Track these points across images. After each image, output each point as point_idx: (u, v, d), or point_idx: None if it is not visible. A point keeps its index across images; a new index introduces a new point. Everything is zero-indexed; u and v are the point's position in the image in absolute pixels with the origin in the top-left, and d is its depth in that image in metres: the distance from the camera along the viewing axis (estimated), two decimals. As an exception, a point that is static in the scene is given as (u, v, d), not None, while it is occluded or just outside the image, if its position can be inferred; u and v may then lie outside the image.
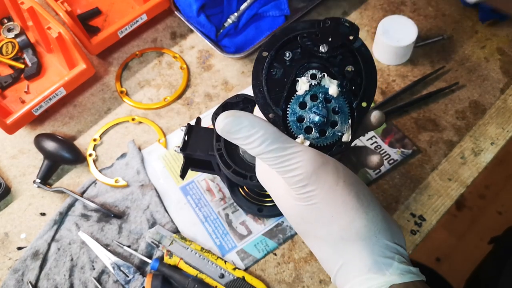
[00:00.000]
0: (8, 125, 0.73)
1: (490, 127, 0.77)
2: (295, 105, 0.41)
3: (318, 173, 0.37)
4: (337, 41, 0.43)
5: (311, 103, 0.41)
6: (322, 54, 0.42)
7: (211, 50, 0.86)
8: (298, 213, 0.38)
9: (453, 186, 0.72)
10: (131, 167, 0.75)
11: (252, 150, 0.38)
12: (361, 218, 0.37)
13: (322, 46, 0.42)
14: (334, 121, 0.41)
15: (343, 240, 0.37)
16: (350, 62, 0.43)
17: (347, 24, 0.43)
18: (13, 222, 0.73)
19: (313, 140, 0.40)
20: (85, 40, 0.79)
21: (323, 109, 0.40)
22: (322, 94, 0.41)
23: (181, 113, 0.81)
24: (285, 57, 0.43)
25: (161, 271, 0.65)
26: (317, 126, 0.40)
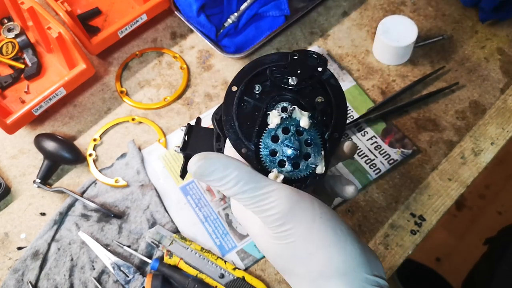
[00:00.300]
0: (8, 125, 0.73)
1: (490, 127, 0.77)
2: (267, 139, 0.41)
3: (294, 211, 0.36)
4: (306, 73, 0.43)
5: (283, 136, 0.40)
6: (292, 87, 0.42)
7: (211, 50, 0.86)
8: (276, 251, 0.38)
9: (453, 186, 0.72)
10: (131, 167, 0.75)
11: (227, 191, 0.38)
12: (340, 254, 0.36)
13: (291, 79, 0.42)
14: (307, 153, 0.40)
15: (322, 276, 0.37)
16: (319, 93, 0.43)
17: (315, 56, 0.44)
18: (13, 222, 0.73)
19: (287, 173, 0.40)
20: (85, 40, 0.79)
21: (296, 141, 0.40)
22: (294, 127, 0.41)
23: (181, 113, 0.81)
24: (254, 91, 0.43)
25: (161, 271, 0.65)
26: (290, 159, 0.40)
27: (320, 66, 0.43)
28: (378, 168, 0.73)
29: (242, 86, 0.43)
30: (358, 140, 0.76)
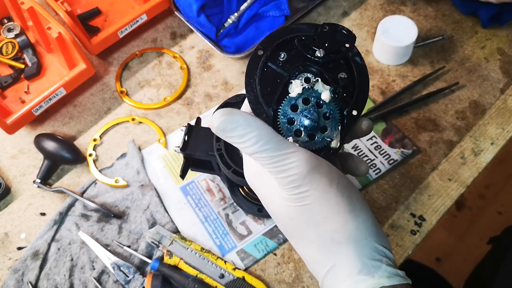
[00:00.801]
0: (8, 125, 0.73)
1: (490, 127, 0.77)
2: (287, 107, 0.41)
3: (312, 174, 0.37)
4: (334, 47, 0.42)
5: (302, 106, 0.40)
6: (318, 59, 0.42)
7: (211, 50, 0.86)
8: (288, 214, 0.38)
9: (453, 186, 0.72)
10: (131, 167, 0.75)
11: (246, 149, 0.38)
12: (354, 221, 0.37)
13: (318, 51, 0.42)
14: (324, 127, 0.40)
15: (334, 242, 0.37)
16: (343, 70, 0.43)
17: (345, 32, 0.43)
18: (13, 222, 0.73)
19: (302, 143, 0.40)
20: (85, 40, 0.79)
21: (314, 113, 0.40)
22: (315, 99, 0.41)
23: (181, 113, 0.81)
24: (279, 58, 0.43)
25: (161, 271, 0.65)
26: (307, 130, 0.40)
27: (348, 43, 0.43)
28: (378, 168, 0.73)
29: (269, 51, 0.43)
30: (358, 140, 0.76)
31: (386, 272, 0.37)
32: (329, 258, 0.38)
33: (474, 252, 1.12)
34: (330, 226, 0.37)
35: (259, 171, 0.40)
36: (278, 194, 0.38)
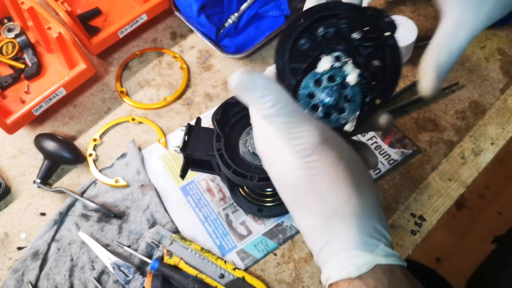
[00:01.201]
0: (8, 125, 0.73)
1: (490, 127, 0.77)
2: (311, 80, 0.41)
3: (325, 145, 0.37)
4: (373, 33, 0.42)
5: (326, 83, 0.40)
6: (354, 41, 0.42)
7: (211, 50, 0.86)
8: (294, 182, 0.38)
9: (453, 186, 0.72)
10: (131, 167, 0.75)
11: (263, 111, 0.37)
12: (358, 197, 0.37)
13: (356, 33, 0.42)
14: (342, 108, 0.40)
15: (336, 215, 0.37)
16: (378, 58, 0.42)
17: (387, 20, 0.42)
18: (13, 222, 0.73)
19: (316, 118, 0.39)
20: (85, 40, 0.79)
21: (336, 92, 0.40)
22: (340, 78, 0.40)
23: (181, 113, 0.81)
24: (317, 32, 0.42)
25: (161, 271, 0.65)
26: (325, 106, 0.40)
27: (389, 31, 0.42)
28: (378, 168, 0.73)
29: (308, 22, 0.42)
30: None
31: (384, 251, 0.38)
32: (329, 230, 0.38)
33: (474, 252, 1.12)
34: (335, 199, 0.37)
35: (270, 137, 0.39)
36: (287, 161, 0.38)
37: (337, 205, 0.37)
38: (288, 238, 0.69)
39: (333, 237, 0.38)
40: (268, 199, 0.68)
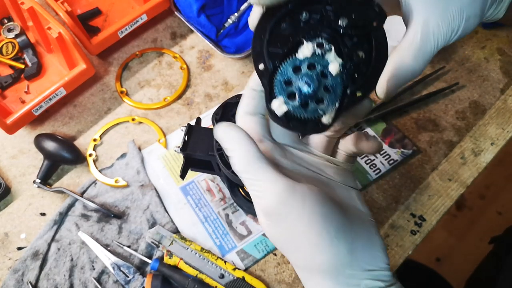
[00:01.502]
0: (8, 125, 0.73)
1: (490, 127, 0.77)
2: (289, 66, 0.38)
3: (282, 208, 0.37)
4: (360, 21, 0.40)
5: (306, 70, 0.38)
6: (339, 29, 0.39)
7: (211, 50, 0.86)
8: (268, 234, 0.39)
9: (453, 186, 0.72)
10: (131, 167, 0.75)
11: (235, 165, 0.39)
12: (323, 253, 0.37)
13: (342, 19, 0.39)
14: (321, 99, 0.38)
15: (307, 269, 0.38)
16: (363, 49, 0.40)
17: (377, 9, 0.40)
18: (13, 222, 0.73)
19: (291, 107, 0.37)
20: (85, 40, 0.79)
21: (316, 81, 0.37)
22: (321, 67, 0.38)
23: (181, 113, 0.81)
24: (300, 16, 0.40)
25: (161, 271, 0.65)
26: (302, 95, 0.37)
27: (377, 21, 0.40)
28: (378, 169, 0.73)
29: (291, 5, 0.40)
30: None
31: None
32: (306, 280, 0.39)
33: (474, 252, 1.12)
34: (301, 256, 0.38)
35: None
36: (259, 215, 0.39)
37: (304, 261, 0.38)
38: (288, 238, 0.69)
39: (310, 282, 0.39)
40: (268, 199, 0.68)
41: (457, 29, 0.41)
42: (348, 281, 0.37)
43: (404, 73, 0.39)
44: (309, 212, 0.37)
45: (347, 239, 0.38)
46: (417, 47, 0.40)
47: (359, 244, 0.39)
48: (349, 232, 0.38)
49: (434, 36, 0.40)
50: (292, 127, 0.38)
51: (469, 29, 0.42)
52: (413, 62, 0.40)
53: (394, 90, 0.39)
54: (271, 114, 0.38)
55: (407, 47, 0.40)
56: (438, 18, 0.40)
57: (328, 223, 0.37)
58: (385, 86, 0.39)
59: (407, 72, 0.39)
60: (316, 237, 0.37)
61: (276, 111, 0.37)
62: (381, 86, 0.39)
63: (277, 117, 0.37)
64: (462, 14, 0.40)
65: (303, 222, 0.37)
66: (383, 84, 0.39)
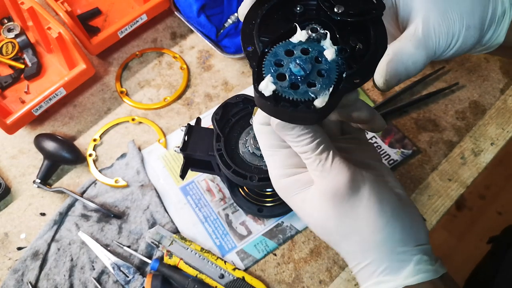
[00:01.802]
0: (8, 125, 0.73)
1: (490, 127, 0.77)
2: (281, 48, 0.37)
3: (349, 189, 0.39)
4: (356, 9, 0.39)
5: (299, 54, 0.37)
6: (335, 16, 0.38)
7: (211, 50, 0.86)
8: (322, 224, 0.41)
9: (453, 187, 0.72)
10: (131, 167, 0.75)
11: (300, 147, 0.40)
12: (380, 232, 0.39)
13: (337, 6, 0.39)
14: (313, 82, 0.36)
15: (362, 250, 0.40)
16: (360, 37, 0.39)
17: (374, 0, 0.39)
18: (13, 222, 0.73)
19: (280, 87, 0.35)
20: (85, 40, 0.79)
21: (308, 64, 0.36)
22: (316, 52, 0.37)
23: (181, 113, 0.81)
24: (295, 9, 0.40)
25: (161, 271, 0.65)
26: (293, 76, 0.36)
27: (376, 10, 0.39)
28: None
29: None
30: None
31: (413, 271, 0.39)
32: (356, 262, 0.41)
33: (474, 252, 1.11)
34: (358, 238, 0.40)
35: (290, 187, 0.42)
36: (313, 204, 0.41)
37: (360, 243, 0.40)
38: (288, 238, 0.69)
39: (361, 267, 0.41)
40: (268, 199, 0.68)
41: (457, 35, 0.41)
42: (400, 257, 0.40)
43: (405, 61, 0.39)
44: (369, 194, 0.40)
45: (400, 218, 0.41)
46: (418, 38, 0.40)
47: (408, 222, 0.41)
48: (402, 212, 0.41)
49: (435, 33, 0.40)
50: (281, 107, 0.35)
51: (469, 41, 0.42)
52: (414, 50, 0.39)
53: (394, 78, 0.38)
54: (259, 95, 0.35)
55: (408, 37, 0.40)
56: (439, 18, 0.40)
57: (385, 204, 0.40)
58: (385, 70, 0.38)
59: (408, 61, 0.39)
60: (374, 218, 0.39)
61: (264, 91, 0.35)
62: (380, 70, 0.38)
63: (264, 97, 0.35)
64: (462, 20, 0.41)
65: (363, 204, 0.39)
66: (382, 67, 0.38)
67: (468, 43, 0.42)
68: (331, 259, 0.68)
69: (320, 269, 0.67)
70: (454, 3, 0.40)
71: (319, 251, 0.68)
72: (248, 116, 0.62)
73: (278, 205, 0.68)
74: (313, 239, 0.69)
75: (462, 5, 0.41)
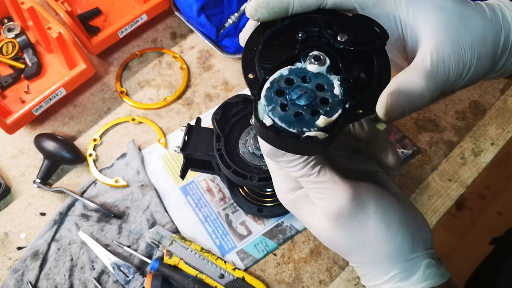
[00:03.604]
0: (8, 125, 0.73)
1: (490, 127, 0.77)
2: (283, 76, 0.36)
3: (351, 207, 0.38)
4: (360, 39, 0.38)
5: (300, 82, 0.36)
6: (338, 44, 0.38)
7: (211, 50, 0.86)
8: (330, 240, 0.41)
9: (453, 187, 0.72)
10: (131, 167, 0.75)
11: (294, 173, 0.39)
12: (390, 244, 0.39)
13: (340, 35, 0.38)
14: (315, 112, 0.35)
15: (373, 262, 0.40)
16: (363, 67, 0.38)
17: (378, 29, 0.38)
18: (13, 222, 0.73)
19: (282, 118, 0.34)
20: (85, 40, 0.79)
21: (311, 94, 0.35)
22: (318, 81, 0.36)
23: (181, 113, 0.81)
24: (297, 35, 0.39)
25: (161, 271, 0.65)
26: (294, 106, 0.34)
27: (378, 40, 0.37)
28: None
29: (287, 21, 0.39)
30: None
31: (421, 277, 0.40)
32: (366, 271, 0.41)
33: (474, 253, 1.12)
34: (368, 252, 0.40)
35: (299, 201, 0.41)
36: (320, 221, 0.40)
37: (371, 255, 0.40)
38: (288, 238, 0.69)
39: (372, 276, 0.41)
40: (268, 199, 0.68)
41: (468, 65, 0.39)
42: (411, 263, 0.40)
43: (410, 93, 0.36)
44: (375, 208, 0.39)
45: (408, 226, 0.40)
46: (426, 69, 0.37)
47: (416, 228, 0.41)
48: (408, 219, 0.40)
49: (444, 64, 0.38)
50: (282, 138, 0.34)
51: (481, 71, 0.40)
52: (421, 82, 0.37)
53: (396, 110, 0.36)
54: (260, 124, 0.34)
55: (415, 67, 0.38)
56: (449, 48, 0.38)
57: (392, 215, 0.39)
58: (385, 101, 0.35)
59: (413, 93, 0.36)
60: (383, 230, 0.39)
61: (265, 120, 0.34)
62: (381, 101, 0.36)
63: (265, 126, 0.34)
64: (473, 50, 0.39)
65: (371, 218, 0.39)
66: (383, 99, 0.35)
67: (480, 72, 0.41)
68: (331, 259, 0.68)
69: (320, 269, 0.67)
70: (464, 33, 0.39)
71: (319, 251, 0.68)
72: (248, 116, 0.62)
73: (278, 205, 0.68)
74: (313, 239, 0.69)
75: (473, 34, 0.39)
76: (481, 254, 1.01)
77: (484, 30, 0.40)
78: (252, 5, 0.38)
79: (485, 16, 0.40)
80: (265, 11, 0.38)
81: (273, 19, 0.39)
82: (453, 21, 0.39)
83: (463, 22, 0.39)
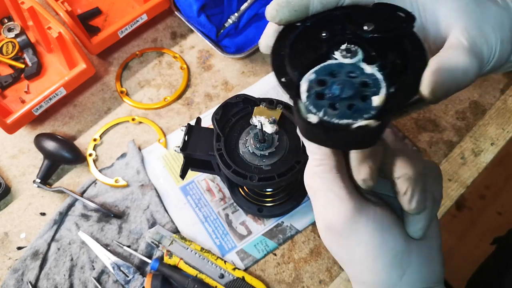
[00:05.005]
0: (8, 125, 0.73)
1: (490, 127, 0.77)
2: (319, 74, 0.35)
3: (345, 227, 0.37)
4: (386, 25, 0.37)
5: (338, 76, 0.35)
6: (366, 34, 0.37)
7: (211, 50, 0.86)
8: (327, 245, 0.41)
9: (453, 187, 0.72)
10: (131, 167, 0.75)
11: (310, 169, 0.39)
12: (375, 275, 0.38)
13: (366, 24, 0.37)
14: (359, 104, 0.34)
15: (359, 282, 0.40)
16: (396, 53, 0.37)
17: (402, 14, 0.37)
18: (13, 222, 0.73)
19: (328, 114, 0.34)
20: (85, 40, 0.79)
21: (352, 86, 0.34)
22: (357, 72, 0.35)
23: (181, 113, 0.81)
24: (321, 35, 0.38)
25: (161, 271, 0.65)
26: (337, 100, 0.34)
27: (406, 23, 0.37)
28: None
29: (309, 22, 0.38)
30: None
31: None
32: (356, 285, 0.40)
33: (474, 253, 1.12)
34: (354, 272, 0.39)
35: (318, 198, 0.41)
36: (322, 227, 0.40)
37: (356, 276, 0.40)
38: (288, 238, 0.69)
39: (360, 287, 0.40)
40: (268, 199, 0.68)
41: (494, 48, 0.38)
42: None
43: (454, 69, 0.35)
44: (369, 238, 0.38)
45: (401, 265, 0.39)
46: (464, 46, 0.36)
47: (416, 265, 0.39)
48: (406, 258, 0.39)
49: (477, 44, 0.37)
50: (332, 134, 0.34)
51: (504, 54, 0.39)
52: (463, 58, 0.35)
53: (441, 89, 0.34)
54: (306, 124, 0.34)
55: (452, 46, 0.36)
56: (476, 30, 0.37)
57: (384, 251, 0.38)
58: (430, 80, 0.33)
59: (458, 69, 0.35)
60: (370, 262, 0.38)
61: (310, 119, 0.33)
62: (426, 79, 0.34)
63: (312, 124, 0.33)
64: (496, 33, 0.38)
65: (362, 246, 0.38)
66: (428, 77, 0.34)
67: (504, 56, 0.40)
68: (331, 259, 0.68)
69: (320, 269, 0.67)
70: (485, 17, 0.39)
71: (319, 251, 0.68)
72: (248, 116, 0.62)
73: (278, 205, 0.68)
74: (313, 239, 0.69)
75: (492, 19, 0.39)
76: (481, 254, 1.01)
77: (501, 15, 0.40)
78: (273, 6, 0.38)
79: (497, 3, 0.40)
80: (286, 10, 0.38)
81: (294, 19, 0.38)
82: (473, 7, 0.39)
83: (481, 9, 0.39)
